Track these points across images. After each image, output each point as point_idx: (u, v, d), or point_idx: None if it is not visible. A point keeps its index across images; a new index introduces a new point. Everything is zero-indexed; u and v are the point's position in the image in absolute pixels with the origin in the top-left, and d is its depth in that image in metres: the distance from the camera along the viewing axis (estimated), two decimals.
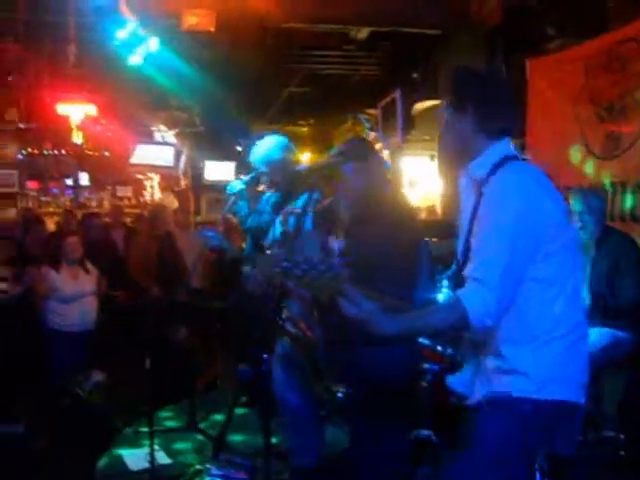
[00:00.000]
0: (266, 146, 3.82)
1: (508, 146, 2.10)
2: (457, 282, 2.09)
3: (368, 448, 2.85)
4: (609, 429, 3.51)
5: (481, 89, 2.10)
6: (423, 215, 8.82)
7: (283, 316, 3.34)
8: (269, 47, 7.84)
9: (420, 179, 10.57)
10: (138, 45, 6.52)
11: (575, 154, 5.62)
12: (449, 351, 2.34)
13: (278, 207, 3.77)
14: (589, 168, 5.48)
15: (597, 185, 5.13)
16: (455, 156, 2.21)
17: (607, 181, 5.22)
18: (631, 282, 3.72)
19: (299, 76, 9.58)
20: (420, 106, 8.83)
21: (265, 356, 3.45)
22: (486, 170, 2.05)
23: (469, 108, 2.07)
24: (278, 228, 3.70)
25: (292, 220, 3.55)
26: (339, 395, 2.98)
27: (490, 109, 2.08)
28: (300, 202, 3.55)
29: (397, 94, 8.80)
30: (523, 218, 1.92)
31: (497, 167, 2.02)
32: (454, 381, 2.22)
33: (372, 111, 9.92)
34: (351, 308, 1.90)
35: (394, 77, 9.16)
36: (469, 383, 2.15)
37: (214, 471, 3.84)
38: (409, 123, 9.12)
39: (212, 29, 6.47)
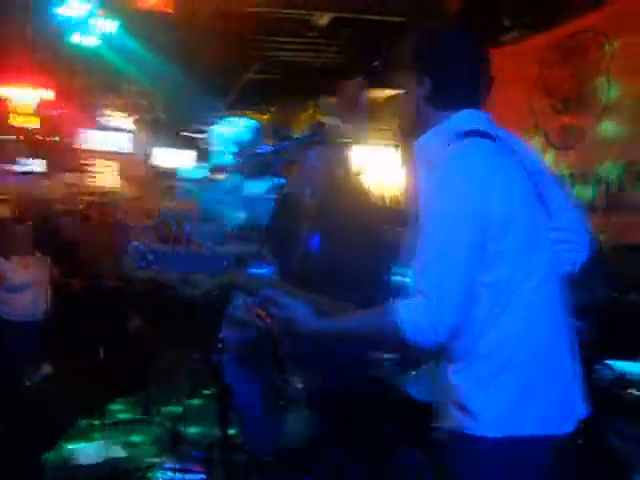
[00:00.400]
0: (236, 127, 3.78)
1: (465, 119, 1.72)
2: None
3: (326, 439, 2.80)
4: None
5: (435, 53, 1.77)
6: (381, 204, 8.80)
7: (239, 302, 3.26)
8: (229, 31, 7.71)
9: (378, 168, 10.58)
10: (93, 26, 6.34)
11: (534, 145, 5.65)
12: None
13: (241, 191, 3.69)
14: (548, 159, 5.52)
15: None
16: (407, 133, 1.86)
17: (565, 172, 5.27)
18: (594, 281, 3.72)
19: (259, 62, 9.47)
20: (380, 95, 8.81)
21: (221, 345, 3.38)
22: (436, 148, 1.69)
23: (420, 75, 1.75)
24: (241, 213, 3.63)
25: (256, 206, 3.48)
26: (299, 385, 2.93)
27: (443, 76, 1.74)
28: (264, 187, 3.48)
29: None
30: (465, 210, 1.57)
31: (448, 145, 1.66)
32: (412, 388, 2.01)
33: (332, 99, 9.86)
34: (274, 308, 1.81)
35: (355, 65, 9.12)
36: (429, 387, 1.87)
37: (169, 464, 3.77)
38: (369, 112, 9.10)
39: (170, 10, 6.33)
